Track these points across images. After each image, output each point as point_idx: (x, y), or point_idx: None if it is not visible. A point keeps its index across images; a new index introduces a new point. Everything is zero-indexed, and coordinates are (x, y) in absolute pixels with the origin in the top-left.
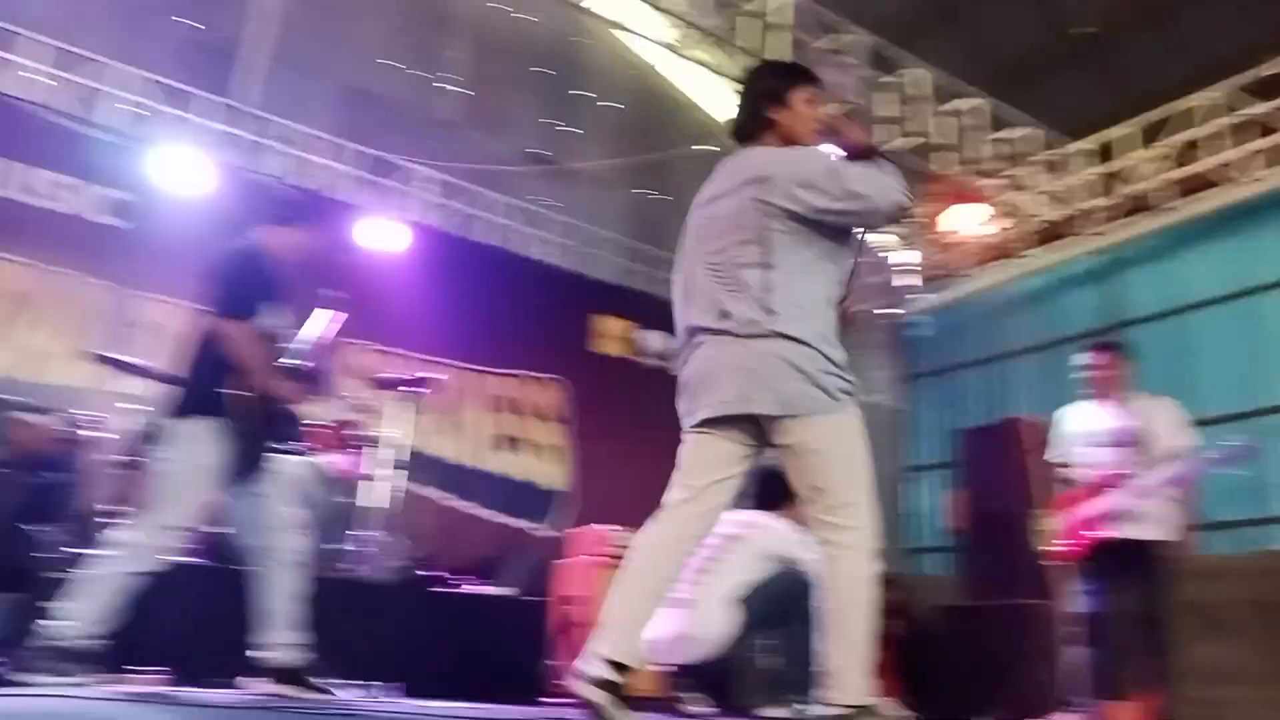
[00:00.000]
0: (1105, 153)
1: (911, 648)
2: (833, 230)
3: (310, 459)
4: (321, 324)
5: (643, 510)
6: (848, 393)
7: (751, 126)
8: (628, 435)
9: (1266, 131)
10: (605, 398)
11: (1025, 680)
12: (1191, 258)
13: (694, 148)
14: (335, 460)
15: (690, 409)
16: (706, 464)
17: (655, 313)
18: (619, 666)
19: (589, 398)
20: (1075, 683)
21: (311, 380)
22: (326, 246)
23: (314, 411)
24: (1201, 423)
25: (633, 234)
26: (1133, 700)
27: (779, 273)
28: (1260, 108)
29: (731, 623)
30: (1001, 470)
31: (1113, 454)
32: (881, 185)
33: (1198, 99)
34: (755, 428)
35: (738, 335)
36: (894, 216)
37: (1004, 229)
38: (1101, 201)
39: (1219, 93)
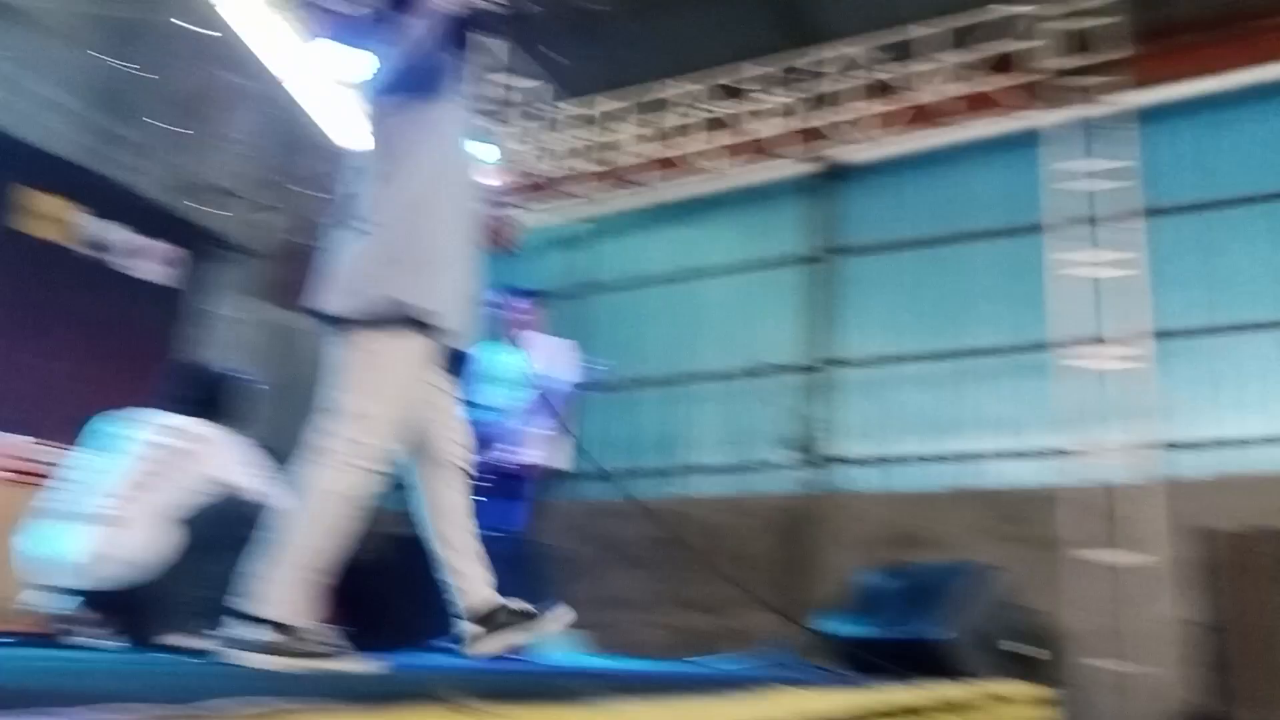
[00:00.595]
0: (601, 122)
1: (362, 576)
2: (445, 122)
3: None
4: None
5: (60, 419)
6: (419, 305)
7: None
8: (49, 333)
9: (732, 130)
10: (25, 286)
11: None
12: (657, 236)
13: (172, 20)
14: None
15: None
16: None
17: (104, 196)
18: None
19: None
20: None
21: None
22: None
23: None
24: (638, 384)
25: (87, 102)
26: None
27: (386, 171)
28: (731, 107)
29: (166, 545)
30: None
31: (513, 390)
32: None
33: (683, 88)
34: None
35: (342, 230)
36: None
37: (502, 179)
38: (591, 168)
39: (700, 86)
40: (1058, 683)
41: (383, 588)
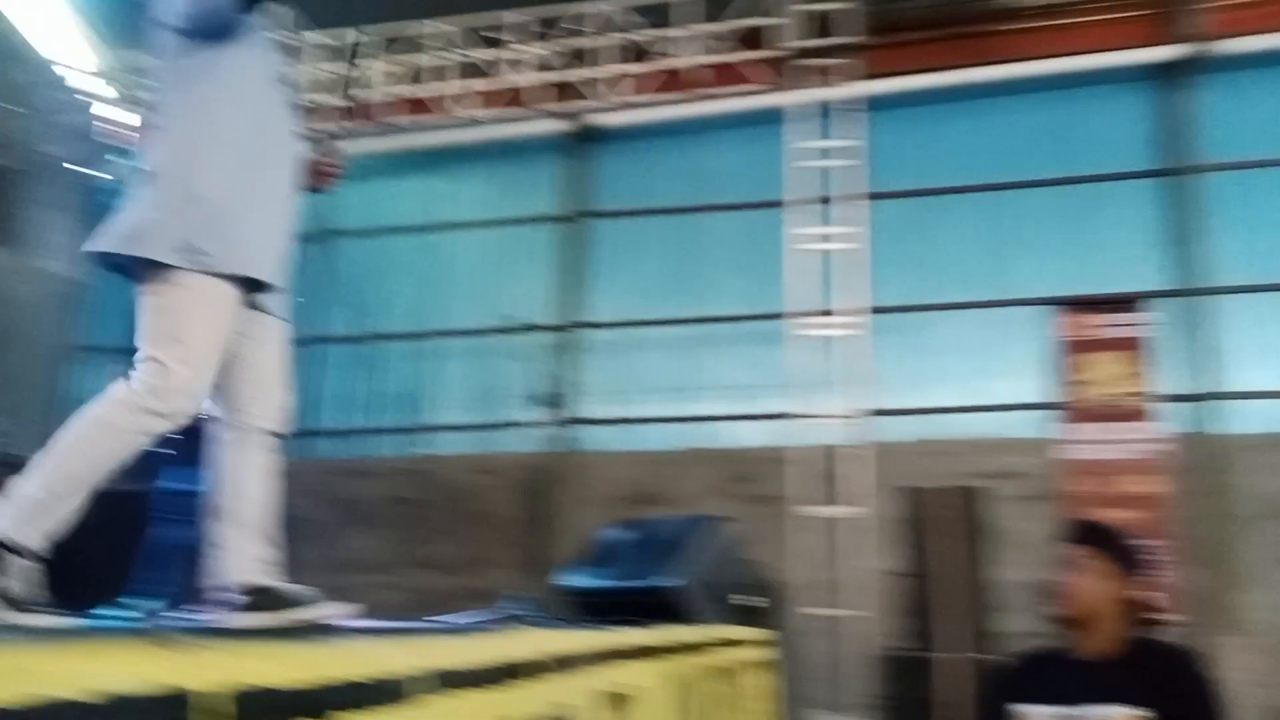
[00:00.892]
0: (349, 56)
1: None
2: (240, 66)
3: None
4: None
5: None
6: (203, 251)
7: None
8: None
9: (488, 78)
10: None
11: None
12: (406, 183)
13: None
14: None
15: None
16: None
17: None
18: None
19: None
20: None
21: None
22: None
23: None
24: (381, 338)
25: None
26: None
27: (174, 115)
28: (487, 54)
29: None
30: None
31: None
32: None
33: (436, 29)
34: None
35: (134, 173)
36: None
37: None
38: (336, 102)
39: (455, 28)
40: (778, 627)
41: (86, 544)
